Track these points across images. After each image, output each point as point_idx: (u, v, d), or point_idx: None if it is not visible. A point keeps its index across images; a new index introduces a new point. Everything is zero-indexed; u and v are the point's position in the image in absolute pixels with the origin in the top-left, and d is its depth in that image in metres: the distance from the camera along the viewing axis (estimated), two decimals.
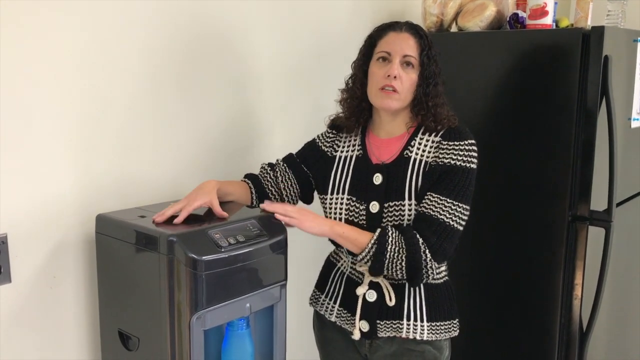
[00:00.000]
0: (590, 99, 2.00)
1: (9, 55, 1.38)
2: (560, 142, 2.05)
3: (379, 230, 1.49)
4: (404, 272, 1.48)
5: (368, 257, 1.49)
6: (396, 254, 1.46)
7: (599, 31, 1.96)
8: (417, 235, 1.46)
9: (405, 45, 1.52)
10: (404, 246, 1.46)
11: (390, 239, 1.47)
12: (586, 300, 2.10)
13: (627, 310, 2.58)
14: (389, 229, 1.49)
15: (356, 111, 1.62)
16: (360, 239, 1.50)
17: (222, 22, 1.86)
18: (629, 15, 2.33)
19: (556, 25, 2.23)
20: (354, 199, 1.58)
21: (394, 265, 1.47)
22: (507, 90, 2.18)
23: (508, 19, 2.26)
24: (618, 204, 2.12)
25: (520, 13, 2.22)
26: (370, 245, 1.48)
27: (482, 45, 2.23)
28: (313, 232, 1.50)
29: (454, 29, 2.39)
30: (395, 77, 1.50)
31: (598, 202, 2.06)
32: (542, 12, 2.12)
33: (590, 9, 2.21)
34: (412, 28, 1.55)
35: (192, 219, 1.47)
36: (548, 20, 2.13)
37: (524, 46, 2.12)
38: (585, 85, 2.00)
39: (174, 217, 1.45)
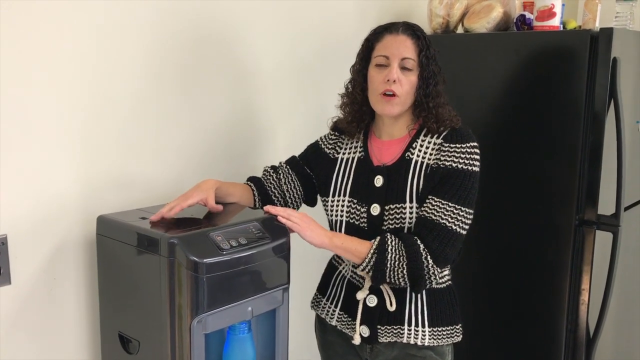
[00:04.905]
0: (598, 102, 1.98)
1: (10, 54, 1.37)
2: (568, 145, 2.02)
3: (378, 239, 1.46)
4: (406, 279, 1.45)
5: (369, 267, 1.46)
6: (397, 262, 1.44)
7: (607, 33, 1.94)
8: (418, 242, 1.44)
9: (402, 48, 1.49)
10: (404, 254, 1.43)
11: (390, 247, 1.44)
12: (593, 306, 2.07)
13: (634, 316, 2.55)
14: (388, 236, 1.46)
15: (357, 116, 1.60)
16: (359, 249, 1.47)
17: (226, 23, 1.85)
18: (638, 17, 2.30)
19: (564, 27, 2.21)
20: (355, 201, 1.56)
21: (395, 273, 1.45)
22: (513, 93, 2.16)
23: (515, 21, 2.24)
24: (626, 208, 2.09)
25: (528, 14, 2.20)
26: (370, 255, 1.45)
27: (489, 47, 2.21)
28: (312, 242, 1.47)
29: (460, 30, 2.37)
30: (394, 81, 1.48)
31: (606, 206, 2.04)
32: (549, 13, 2.10)
33: (599, 10, 2.19)
34: (408, 29, 1.52)
35: (192, 222, 1.46)
36: (555, 22, 2.11)
37: (531, 48, 2.10)
38: (593, 88, 1.98)
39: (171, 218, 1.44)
